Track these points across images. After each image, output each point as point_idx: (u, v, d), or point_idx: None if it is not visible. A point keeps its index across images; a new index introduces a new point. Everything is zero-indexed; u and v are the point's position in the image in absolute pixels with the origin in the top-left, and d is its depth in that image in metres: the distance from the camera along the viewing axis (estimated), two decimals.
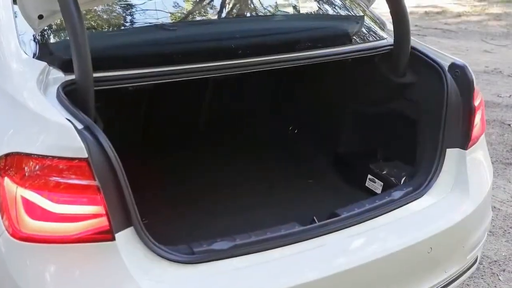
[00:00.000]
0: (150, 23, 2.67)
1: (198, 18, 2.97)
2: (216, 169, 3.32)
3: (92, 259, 1.80)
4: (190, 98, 3.45)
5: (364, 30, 2.88)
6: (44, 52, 2.20)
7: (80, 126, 1.79)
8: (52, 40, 2.36)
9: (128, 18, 2.77)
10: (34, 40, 2.23)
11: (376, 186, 2.90)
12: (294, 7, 3.39)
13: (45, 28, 2.27)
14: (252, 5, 3.24)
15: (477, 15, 11.84)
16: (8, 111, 1.94)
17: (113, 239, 1.79)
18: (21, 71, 2.05)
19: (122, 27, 2.72)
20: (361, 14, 2.98)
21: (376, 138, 3.04)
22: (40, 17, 2.11)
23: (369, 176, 2.94)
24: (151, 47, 2.42)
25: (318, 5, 3.36)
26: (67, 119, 1.78)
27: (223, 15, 3.00)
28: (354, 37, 2.82)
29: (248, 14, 3.20)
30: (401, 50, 2.68)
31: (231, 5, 3.17)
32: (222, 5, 3.08)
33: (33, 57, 2.13)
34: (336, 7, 3.24)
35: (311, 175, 3.24)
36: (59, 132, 1.77)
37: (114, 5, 2.67)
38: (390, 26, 2.82)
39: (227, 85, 3.42)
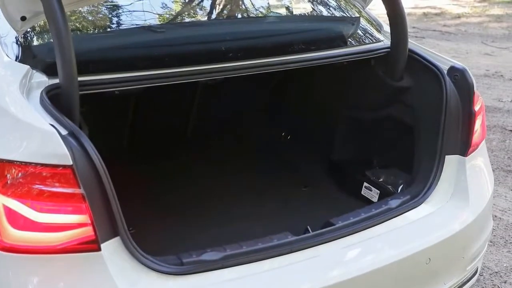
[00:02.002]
0: (137, 24, 2.63)
1: (187, 20, 2.95)
2: (207, 176, 3.29)
3: (77, 270, 1.77)
4: (178, 103, 3.43)
5: (360, 32, 2.86)
6: (27, 55, 2.17)
7: (64, 132, 1.76)
8: (35, 42, 2.33)
9: (115, 19, 2.75)
10: (17, 43, 2.20)
11: (373, 194, 2.86)
12: (288, 8, 3.35)
13: (28, 30, 2.25)
14: (244, 6, 3.20)
15: (477, 16, 11.83)
16: None
17: (99, 249, 1.76)
18: (3, 74, 2.03)
19: (108, 29, 2.69)
20: (357, 15, 2.95)
21: (373, 144, 3.01)
22: (23, 18, 2.08)
23: (365, 184, 2.90)
24: (138, 49, 2.39)
25: (312, 6, 3.32)
26: (51, 124, 1.75)
27: (213, 16, 2.97)
28: (349, 39, 2.79)
29: (240, 16, 3.16)
30: (398, 52, 2.64)
31: (221, 6, 3.13)
32: (212, 6, 3.06)
33: (16, 60, 2.12)
34: (331, 8, 3.22)
35: (305, 183, 3.21)
36: (42, 138, 1.74)
37: (100, 6, 2.65)
38: (387, 27, 2.78)
39: (217, 89, 3.38)
